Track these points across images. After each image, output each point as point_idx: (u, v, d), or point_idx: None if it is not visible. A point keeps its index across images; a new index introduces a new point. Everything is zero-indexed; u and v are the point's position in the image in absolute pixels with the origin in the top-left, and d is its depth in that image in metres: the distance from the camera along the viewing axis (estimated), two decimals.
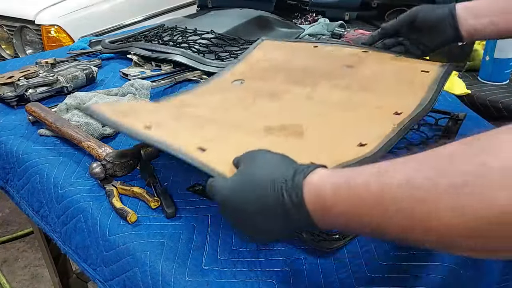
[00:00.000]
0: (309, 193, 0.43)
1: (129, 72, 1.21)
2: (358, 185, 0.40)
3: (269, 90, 0.88)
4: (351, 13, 1.65)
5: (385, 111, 0.74)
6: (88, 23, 2.33)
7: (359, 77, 0.86)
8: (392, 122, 0.69)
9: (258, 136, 0.70)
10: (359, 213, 0.40)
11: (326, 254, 0.60)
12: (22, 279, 1.93)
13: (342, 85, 0.85)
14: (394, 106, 0.74)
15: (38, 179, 0.82)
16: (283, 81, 0.91)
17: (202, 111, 0.83)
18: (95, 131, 0.89)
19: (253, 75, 0.96)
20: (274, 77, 0.93)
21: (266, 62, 0.99)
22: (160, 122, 0.71)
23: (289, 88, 0.88)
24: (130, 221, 0.67)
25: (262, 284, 0.56)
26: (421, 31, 0.85)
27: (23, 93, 1.05)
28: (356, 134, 0.68)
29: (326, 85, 0.86)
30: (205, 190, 0.72)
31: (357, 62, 0.91)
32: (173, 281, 0.57)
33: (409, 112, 0.72)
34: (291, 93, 0.86)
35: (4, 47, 2.49)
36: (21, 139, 0.93)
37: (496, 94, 1.06)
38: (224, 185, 0.50)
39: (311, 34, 1.48)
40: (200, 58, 1.21)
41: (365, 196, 0.39)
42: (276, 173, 0.46)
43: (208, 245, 0.63)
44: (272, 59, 0.99)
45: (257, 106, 0.84)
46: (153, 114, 0.77)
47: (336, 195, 0.41)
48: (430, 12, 0.82)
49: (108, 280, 0.67)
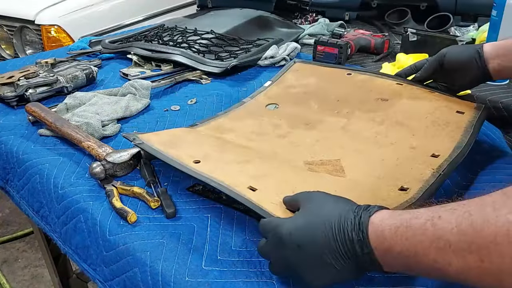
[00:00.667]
0: (373, 232, 0.46)
1: (129, 72, 1.21)
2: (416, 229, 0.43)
3: (304, 118, 0.90)
4: (351, 13, 1.65)
5: (422, 152, 0.75)
6: (88, 23, 2.33)
7: (394, 112, 0.87)
8: (430, 165, 0.71)
9: (301, 172, 0.72)
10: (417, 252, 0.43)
11: None
12: (22, 279, 1.93)
13: (377, 119, 0.86)
14: (430, 147, 0.76)
15: (38, 179, 0.82)
16: (317, 109, 0.93)
17: (240, 138, 0.85)
18: (95, 131, 0.89)
19: (287, 100, 0.97)
20: (308, 104, 0.95)
21: (299, 87, 1.01)
22: (207, 155, 0.74)
23: (324, 117, 0.90)
24: (130, 221, 0.67)
25: (262, 284, 0.56)
26: (450, 73, 0.86)
27: (23, 93, 1.05)
28: (395, 175, 0.70)
29: (361, 117, 0.88)
30: (205, 190, 0.72)
31: (391, 95, 0.91)
32: (173, 281, 0.57)
33: (446, 156, 0.73)
34: (326, 123, 0.88)
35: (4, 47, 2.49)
36: (21, 139, 0.93)
37: (496, 94, 1.05)
38: (286, 223, 0.52)
39: (311, 34, 1.48)
40: (200, 58, 1.21)
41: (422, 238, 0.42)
42: (340, 212, 0.49)
43: (208, 245, 0.63)
44: (306, 85, 1.01)
45: (293, 134, 0.86)
46: (197, 144, 0.79)
47: (396, 235, 0.44)
48: (458, 54, 0.83)
49: (108, 280, 0.67)
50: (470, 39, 1.17)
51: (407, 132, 0.81)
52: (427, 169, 0.71)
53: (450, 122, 0.82)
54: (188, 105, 1.05)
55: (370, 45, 1.35)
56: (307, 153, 0.79)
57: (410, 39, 1.27)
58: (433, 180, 0.67)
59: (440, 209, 0.43)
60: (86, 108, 0.97)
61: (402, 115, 0.86)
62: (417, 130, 0.82)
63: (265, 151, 0.80)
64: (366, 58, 1.33)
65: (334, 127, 0.86)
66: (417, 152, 0.76)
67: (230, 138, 0.85)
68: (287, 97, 0.98)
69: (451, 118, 0.83)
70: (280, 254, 0.52)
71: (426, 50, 1.22)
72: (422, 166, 0.71)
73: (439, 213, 0.42)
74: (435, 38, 1.24)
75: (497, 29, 1.07)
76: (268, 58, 1.25)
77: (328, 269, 0.48)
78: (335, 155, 0.78)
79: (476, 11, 1.46)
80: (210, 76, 1.19)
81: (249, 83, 1.16)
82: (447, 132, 0.79)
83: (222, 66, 1.18)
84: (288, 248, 0.50)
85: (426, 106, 0.87)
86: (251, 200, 0.61)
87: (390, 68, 1.17)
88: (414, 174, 0.70)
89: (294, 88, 1.01)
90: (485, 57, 0.79)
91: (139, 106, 1.01)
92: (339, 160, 0.76)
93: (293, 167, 0.74)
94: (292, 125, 0.89)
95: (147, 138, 0.79)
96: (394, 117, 0.86)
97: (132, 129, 0.95)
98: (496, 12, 1.06)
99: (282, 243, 0.51)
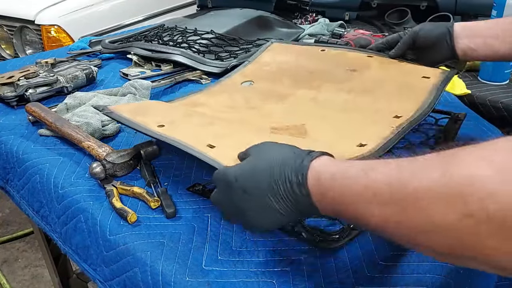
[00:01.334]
0: (311, 176, 0.47)
1: (129, 72, 1.21)
2: (350, 177, 0.44)
3: (276, 92, 0.91)
4: (351, 13, 1.65)
5: (385, 114, 0.76)
6: (88, 23, 2.33)
7: (362, 81, 0.89)
8: (391, 124, 0.72)
9: (263, 134, 0.72)
10: (347, 201, 0.44)
11: (326, 254, 0.60)
12: (22, 279, 1.93)
13: (346, 88, 0.87)
14: (394, 109, 0.77)
15: (38, 179, 0.82)
16: (290, 84, 0.94)
17: (212, 110, 0.85)
18: (95, 131, 0.89)
19: (261, 77, 0.99)
20: (282, 80, 0.96)
21: (274, 64, 1.02)
22: (173, 121, 0.75)
23: (295, 91, 0.91)
24: (130, 221, 0.67)
25: (262, 284, 0.56)
26: (422, 49, 0.87)
27: (23, 93, 1.05)
28: (356, 135, 0.71)
29: (330, 88, 0.89)
30: (205, 190, 0.73)
31: (361, 66, 0.93)
32: (174, 281, 0.58)
33: (408, 116, 0.74)
34: (297, 96, 0.89)
35: (4, 47, 2.49)
36: (21, 139, 0.93)
37: (496, 94, 1.06)
38: (232, 170, 0.52)
39: (311, 34, 1.48)
40: (200, 58, 1.21)
41: (354, 187, 0.43)
42: (284, 156, 0.50)
43: (208, 245, 0.63)
44: (281, 62, 1.02)
45: (264, 107, 0.86)
46: (166, 112, 0.79)
47: (331, 181, 0.45)
48: (430, 31, 0.84)
49: (108, 280, 0.67)
50: None
51: (373, 98, 0.83)
52: (388, 128, 0.72)
53: (415, 86, 0.83)
54: None
55: (370, 45, 1.35)
56: (275, 121, 0.80)
57: None
58: (391, 137, 0.68)
59: (377, 162, 0.44)
60: (86, 108, 0.97)
61: (370, 84, 0.88)
62: (382, 95, 0.83)
63: (233, 119, 0.81)
64: None
65: (304, 99, 0.88)
66: (381, 115, 0.77)
67: (201, 110, 0.86)
68: (261, 74, 1.00)
69: (417, 83, 0.84)
70: (228, 200, 0.53)
71: None
72: (384, 126, 0.72)
73: (374, 165, 0.43)
74: None
75: None
76: None
77: (273, 212, 0.49)
78: (301, 122, 0.78)
79: (476, 11, 1.46)
80: (210, 76, 1.19)
81: None
82: (411, 95, 0.81)
83: (222, 66, 1.18)
84: (234, 194, 0.51)
85: (393, 73, 0.89)
86: (206, 155, 0.62)
87: None
88: (375, 133, 0.71)
89: (269, 65, 1.03)
90: (454, 36, 0.80)
91: None
92: (304, 125, 0.77)
93: (256, 130, 0.75)
94: (264, 99, 0.90)
95: (117, 108, 0.80)
96: (362, 86, 0.88)
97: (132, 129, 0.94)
98: (496, 12, 1.06)
99: (229, 188, 0.52)
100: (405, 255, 0.60)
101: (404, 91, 0.82)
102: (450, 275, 0.57)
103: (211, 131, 0.71)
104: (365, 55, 0.97)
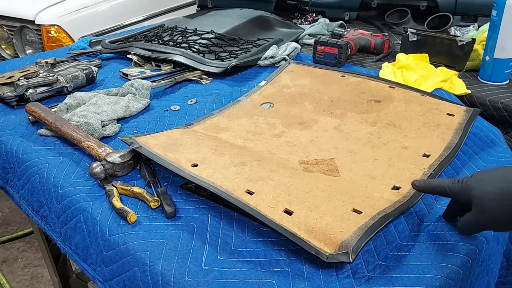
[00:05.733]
0: None
1: (129, 72, 1.21)
2: None
3: (298, 117, 0.92)
4: (351, 13, 1.65)
5: (414, 152, 0.78)
6: (88, 23, 2.33)
7: (386, 113, 0.89)
8: (421, 164, 0.74)
9: (297, 174, 0.73)
10: None
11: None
12: (22, 279, 1.93)
13: (370, 120, 0.89)
14: (422, 147, 0.79)
15: (38, 179, 0.82)
16: (311, 109, 0.95)
17: (236, 136, 0.87)
18: (95, 131, 0.89)
19: (282, 100, 0.99)
20: (303, 104, 0.97)
21: (294, 88, 1.03)
22: (204, 158, 0.75)
23: (318, 117, 0.92)
24: (130, 221, 0.67)
25: (262, 284, 0.56)
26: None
27: (23, 93, 1.05)
28: (388, 175, 0.73)
29: (354, 118, 0.90)
30: (197, 187, 0.73)
31: (384, 97, 0.94)
32: (173, 281, 0.58)
33: (437, 156, 0.76)
34: (319, 123, 0.90)
35: (4, 47, 2.49)
36: (21, 139, 0.93)
37: (496, 94, 1.06)
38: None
39: (311, 34, 1.48)
40: (200, 58, 1.21)
41: None
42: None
43: (208, 245, 0.63)
44: (300, 85, 1.03)
45: (288, 134, 0.87)
46: (196, 148, 0.79)
47: None
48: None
49: (108, 280, 0.67)
50: (470, 39, 1.17)
51: (399, 133, 0.84)
52: (418, 168, 0.73)
53: (441, 124, 0.84)
54: (188, 105, 1.05)
55: (370, 45, 1.35)
56: (302, 152, 0.81)
57: (410, 39, 1.27)
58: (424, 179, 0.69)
59: None
60: (86, 108, 0.97)
61: (394, 117, 0.88)
62: (408, 131, 0.84)
63: (261, 152, 0.81)
64: (366, 58, 1.33)
65: (328, 127, 0.88)
66: (409, 152, 0.78)
67: (226, 137, 0.86)
68: (281, 97, 1.00)
69: (442, 120, 0.85)
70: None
71: (426, 50, 1.23)
72: (414, 166, 0.74)
73: None
74: (435, 38, 1.24)
75: (497, 29, 1.07)
76: (268, 58, 1.25)
77: None
78: (329, 155, 0.79)
79: (476, 11, 1.46)
80: (210, 76, 1.20)
81: (249, 83, 1.16)
82: (438, 133, 0.82)
83: (222, 66, 1.18)
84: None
85: (417, 108, 0.89)
86: (249, 205, 0.63)
87: (390, 68, 1.17)
88: (406, 173, 0.72)
89: (289, 88, 1.03)
90: None
91: (139, 106, 1.01)
92: (333, 160, 0.78)
93: (289, 168, 0.75)
94: (287, 124, 0.90)
95: (145, 141, 0.79)
96: (386, 118, 0.88)
97: (132, 129, 0.95)
98: (496, 12, 1.06)
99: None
100: (405, 255, 0.60)
101: (430, 128, 0.84)
102: (450, 275, 0.57)
103: (245, 173, 0.71)
104: (387, 85, 0.97)
